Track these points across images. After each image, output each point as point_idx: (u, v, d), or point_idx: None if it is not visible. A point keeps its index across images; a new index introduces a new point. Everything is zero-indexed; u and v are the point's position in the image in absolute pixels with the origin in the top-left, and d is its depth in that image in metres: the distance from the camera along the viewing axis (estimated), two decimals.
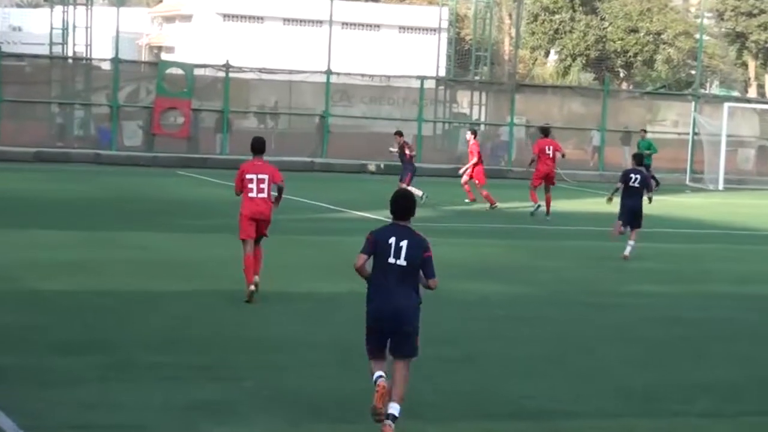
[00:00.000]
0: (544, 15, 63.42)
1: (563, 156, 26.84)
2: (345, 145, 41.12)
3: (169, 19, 78.57)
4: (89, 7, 41.58)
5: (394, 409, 8.78)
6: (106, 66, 41.66)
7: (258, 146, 14.54)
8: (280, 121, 43.39)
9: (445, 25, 48.65)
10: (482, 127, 44.86)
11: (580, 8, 62.97)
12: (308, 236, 20.64)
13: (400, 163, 28.07)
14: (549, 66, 68.05)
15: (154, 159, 37.14)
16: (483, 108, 45.06)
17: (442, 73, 46.83)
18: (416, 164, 28.38)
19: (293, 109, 42.88)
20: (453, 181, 37.69)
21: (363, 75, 43.59)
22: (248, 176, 14.17)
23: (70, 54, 41.57)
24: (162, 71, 40.34)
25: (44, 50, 44.83)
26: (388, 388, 8.85)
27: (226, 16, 71.83)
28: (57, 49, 41.80)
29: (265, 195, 14.25)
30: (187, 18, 73.90)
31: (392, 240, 9.19)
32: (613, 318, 14.62)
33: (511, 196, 29.76)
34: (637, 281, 17.89)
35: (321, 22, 61.85)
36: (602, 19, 62.90)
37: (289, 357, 11.34)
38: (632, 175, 19.94)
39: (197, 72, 40.75)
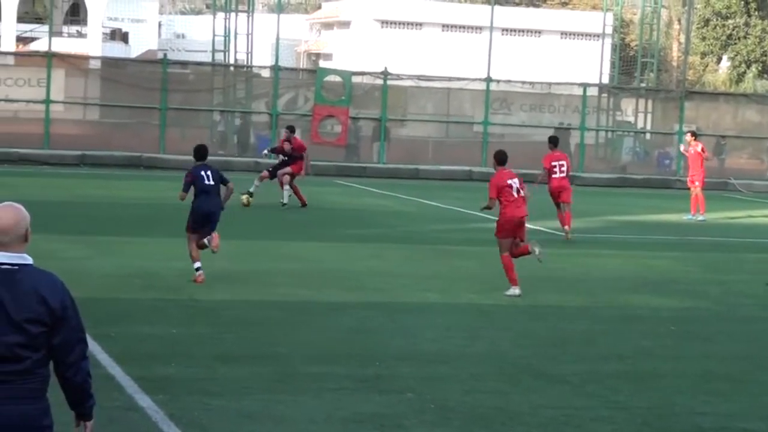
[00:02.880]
0: (716, 20, 61.90)
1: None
2: None
3: (328, 26, 79.38)
4: (250, 14, 42.12)
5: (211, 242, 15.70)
6: (266, 73, 42.13)
7: (554, 139, 18.97)
8: (438, 129, 43.12)
9: (609, 30, 47.77)
10: (647, 135, 43.88)
11: (756, 12, 61.20)
12: (465, 247, 20.36)
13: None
14: (721, 73, 66.32)
15: (311, 167, 37.05)
16: (648, 116, 44.03)
17: (606, 80, 45.97)
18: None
19: (451, 117, 42.57)
20: (615, 191, 37.01)
21: (523, 82, 43.02)
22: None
23: (231, 61, 42.12)
24: (320, 78, 40.49)
25: (206, 57, 45.64)
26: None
27: (384, 22, 72.16)
28: (219, 57, 42.44)
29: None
30: (345, 24, 74.55)
31: (203, 172, 15.80)
32: None
33: (678, 207, 28.94)
34: None
35: (480, 28, 61.57)
36: None
37: (450, 369, 11.12)
38: None
39: (355, 79, 40.77)
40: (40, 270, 5.18)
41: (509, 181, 15.59)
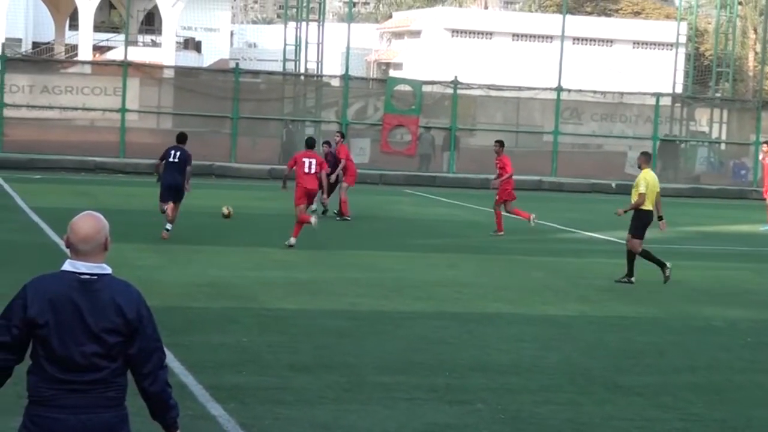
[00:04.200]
0: None
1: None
2: (575, 163, 40.38)
3: (398, 35, 79.57)
4: (321, 23, 42.31)
5: (169, 225, 19.97)
6: (336, 82, 42.27)
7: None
8: (507, 138, 42.82)
9: (683, 40, 47.29)
10: (722, 146, 43.37)
11: None
12: (537, 257, 20.24)
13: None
14: None
15: (381, 177, 37.17)
16: (724, 126, 43.53)
17: (679, 89, 45.52)
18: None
19: (521, 127, 42.39)
20: (687, 201, 36.60)
21: (594, 92, 42.74)
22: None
23: (302, 70, 42.32)
24: (390, 88, 40.52)
25: (277, 66, 45.88)
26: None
27: (454, 31, 72.17)
28: (290, 66, 42.66)
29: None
30: (416, 34, 74.66)
31: (172, 152, 20.17)
32: None
33: (754, 217, 28.57)
34: None
35: (551, 37, 61.39)
36: None
37: (522, 380, 11.07)
38: None
39: (425, 88, 40.74)
40: (117, 279, 5.21)
41: (305, 159, 20.57)
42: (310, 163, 20.55)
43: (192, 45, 66.39)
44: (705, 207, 34.60)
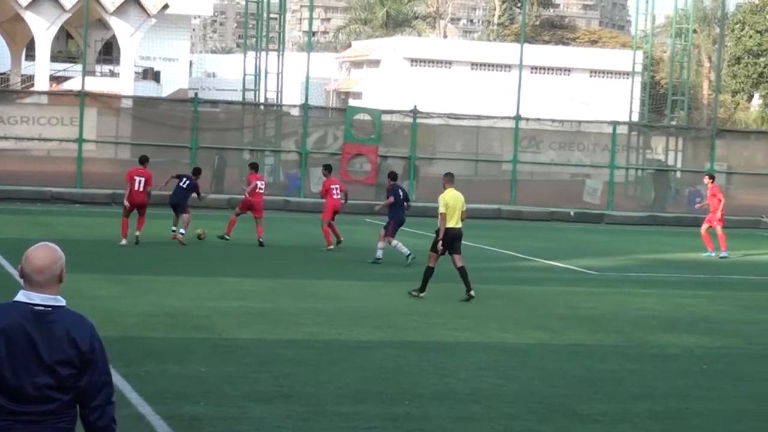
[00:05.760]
0: (747, 58, 61.90)
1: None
2: (534, 192, 40.57)
3: (357, 65, 79.81)
4: (280, 53, 42.34)
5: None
6: (295, 112, 42.29)
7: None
8: (467, 167, 43.02)
9: (639, 68, 47.78)
10: (678, 173, 43.76)
11: None
12: (495, 286, 20.27)
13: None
14: (752, 110, 66.33)
15: (341, 206, 36.91)
16: (679, 154, 43.94)
17: (635, 118, 45.93)
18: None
19: (480, 156, 42.57)
20: (645, 229, 36.87)
21: (552, 120, 43.02)
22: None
23: (262, 100, 42.30)
24: (350, 117, 40.58)
25: (237, 96, 45.84)
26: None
27: (413, 61, 72.50)
28: (249, 95, 42.62)
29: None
30: (375, 63, 74.92)
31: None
32: None
33: (715, 245, 28.80)
34: None
35: (510, 66, 61.79)
36: None
37: (481, 409, 11.07)
38: None
39: (384, 118, 40.82)
40: (72, 312, 5.18)
41: (136, 177, 23.67)
42: (140, 181, 23.72)
43: (150, 75, 66.15)
44: (662, 235, 34.84)
